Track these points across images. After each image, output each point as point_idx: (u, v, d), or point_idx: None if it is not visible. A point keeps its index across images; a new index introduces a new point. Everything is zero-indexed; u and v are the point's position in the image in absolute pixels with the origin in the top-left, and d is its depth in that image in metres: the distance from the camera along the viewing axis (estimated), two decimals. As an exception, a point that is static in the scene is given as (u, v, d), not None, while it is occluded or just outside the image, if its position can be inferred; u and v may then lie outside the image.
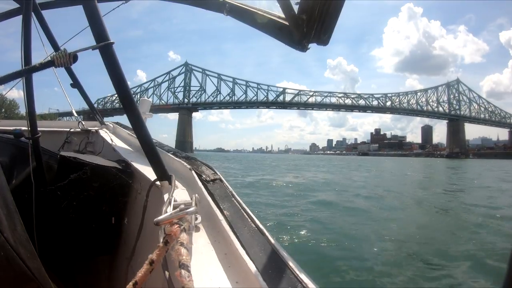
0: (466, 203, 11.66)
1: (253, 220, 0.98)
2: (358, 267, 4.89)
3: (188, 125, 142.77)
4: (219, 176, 1.29)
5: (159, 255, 0.74)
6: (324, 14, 0.93)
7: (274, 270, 0.74)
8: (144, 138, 1.12)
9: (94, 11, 1.00)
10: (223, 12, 1.30)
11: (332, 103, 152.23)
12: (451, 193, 15.00)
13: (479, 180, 22.76)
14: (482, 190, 16.34)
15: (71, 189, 1.52)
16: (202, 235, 0.93)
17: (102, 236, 1.61)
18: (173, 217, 0.82)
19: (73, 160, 1.59)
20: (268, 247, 0.84)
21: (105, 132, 2.56)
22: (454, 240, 6.61)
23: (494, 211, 9.82)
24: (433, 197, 13.51)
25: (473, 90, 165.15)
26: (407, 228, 7.48)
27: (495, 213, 9.37)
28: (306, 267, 3.93)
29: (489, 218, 8.69)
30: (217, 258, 0.83)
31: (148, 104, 2.22)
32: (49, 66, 1.00)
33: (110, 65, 1.01)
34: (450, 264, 5.17)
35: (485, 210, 9.92)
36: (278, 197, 11.56)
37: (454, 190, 16.62)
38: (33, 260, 0.85)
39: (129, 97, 1.07)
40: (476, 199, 12.42)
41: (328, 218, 8.13)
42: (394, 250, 5.74)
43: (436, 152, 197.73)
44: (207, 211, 1.04)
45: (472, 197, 13.49)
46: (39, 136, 1.60)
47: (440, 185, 18.71)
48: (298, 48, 1.03)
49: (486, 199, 12.63)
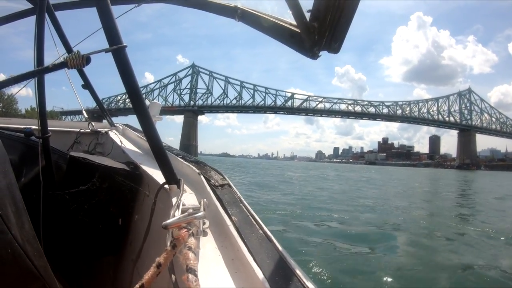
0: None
1: (261, 226, 0.98)
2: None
3: (193, 128, 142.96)
4: (227, 181, 1.30)
5: (166, 259, 0.75)
6: (336, 22, 0.94)
7: (281, 277, 0.75)
8: (154, 141, 1.13)
9: (108, 13, 1.01)
10: (235, 17, 1.31)
11: (341, 110, 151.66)
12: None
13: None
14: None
15: (81, 195, 1.54)
16: (209, 240, 0.94)
17: (109, 236, 1.63)
18: (181, 221, 0.83)
19: (82, 160, 1.61)
20: (276, 254, 0.84)
21: (114, 133, 2.59)
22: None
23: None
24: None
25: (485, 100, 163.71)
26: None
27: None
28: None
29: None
30: (224, 263, 0.84)
31: (158, 107, 2.27)
32: (62, 67, 1.02)
33: (122, 68, 1.03)
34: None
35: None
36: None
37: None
38: (39, 259, 0.86)
39: (140, 100, 1.08)
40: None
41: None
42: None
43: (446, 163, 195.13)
44: (215, 216, 1.04)
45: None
46: (49, 136, 1.64)
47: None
48: (309, 56, 1.03)
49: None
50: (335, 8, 0.93)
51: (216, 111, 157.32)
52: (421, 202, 16.36)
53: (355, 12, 0.94)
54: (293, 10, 1.02)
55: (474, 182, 41.17)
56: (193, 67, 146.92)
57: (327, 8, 0.94)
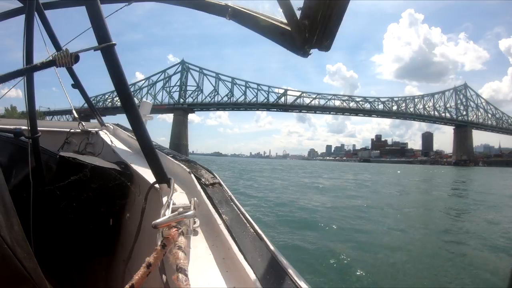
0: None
1: (252, 225, 1.01)
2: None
3: (183, 127, 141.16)
4: (218, 180, 1.32)
5: (156, 258, 0.76)
6: (326, 20, 0.96)
7: (272, 276, 0.77)
8: (143, 140, 1.14)
9: (97, 12, 1.02)
10: (226, 16, 1.33)
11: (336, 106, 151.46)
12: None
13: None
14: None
15: (70, 190, 1.55)
16: (200, 239, 0.96)
17: (100, 237, 1.64)
18: (171, 220, 0.84)
19: (72, 160, 1.63)
20: (267, 253, 0.86)
21: (105, 133, 2.62)
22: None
23: None
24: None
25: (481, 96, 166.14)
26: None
27: None
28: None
29: None
30: (215, 262, 0.86)
31: (149, 106, 2.32)
32: (50, 65, 1.04)
33: (111, 66, 1.04)
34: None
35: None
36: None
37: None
38: (29, 260, 0.87)
39: (130, 98, 1.09)
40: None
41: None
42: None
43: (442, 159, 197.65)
44: (206, 215, 1.07)
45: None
46: (39, 136, 1.64)
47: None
48: (300, 54, 1.06)
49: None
50: (326, 6, 0.95)
51: (207, 109, 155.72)
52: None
53: (346, 10, 0.97)
54: (284, 8, 1.04)
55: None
56: (182, 63, 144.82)
57: (318, 6, 0.96)
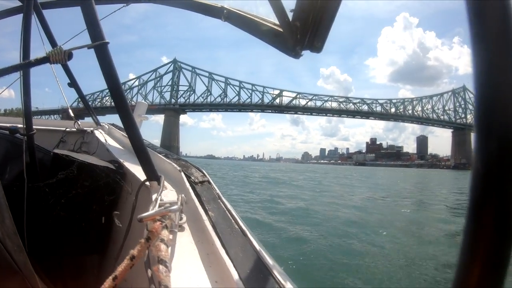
0: None
1: (237, 221, 1.06)
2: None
3: (174, 128, 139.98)
4: (207, 178, 1.38)
5: (140, 251, 0.78)
6: (318, 21, 1.01)
7: (253, 271, 0.81)
8: (134, 138, 1.18)
9: (91, 11, 1.07)
10: (221, 18, 1.38)
11: (332, 108, 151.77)
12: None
13: None
14: None
15: (60, 186, 1.60)
16: (186, 235, 1.01)
17: (92, 235, 1.69)
18: (155, 214, 0.89)
19: (66, 158, 1.68)
20: (249, 249, 0.92)
21: (100, 132, 2.69)
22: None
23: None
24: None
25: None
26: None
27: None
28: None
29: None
30: (199, 257, 0.91)
31: (144, 107, 2.41)
32: (44, 62, 1.08)
33: (104, 64, 1.08)
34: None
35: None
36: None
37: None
38: (19, 254, 0.90)
39: (122, 97, 1.14)
40: None
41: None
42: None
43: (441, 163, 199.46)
44: (193, 212, 1.12)
45: None
46: (34, 133, 1.70)
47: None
48: (291, 55, 1.10)
49: None
50: (317, 7, 1.01)
51: (199, 110, 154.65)
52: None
53: (337, 12, 1.02)
54: (276, 9, 1.09)
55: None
56: (174, 62, 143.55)
57: (309, 7, 1.02)
